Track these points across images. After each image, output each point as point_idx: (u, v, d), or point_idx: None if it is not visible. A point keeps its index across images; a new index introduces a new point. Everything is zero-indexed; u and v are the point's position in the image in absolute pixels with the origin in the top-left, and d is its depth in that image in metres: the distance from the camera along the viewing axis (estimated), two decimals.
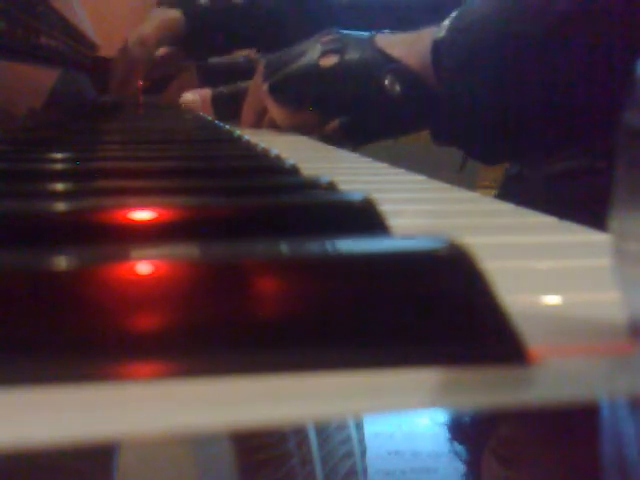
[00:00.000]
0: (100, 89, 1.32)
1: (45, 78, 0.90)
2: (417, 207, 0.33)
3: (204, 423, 0.13)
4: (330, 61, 0.69)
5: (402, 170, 0.46)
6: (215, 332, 0.14)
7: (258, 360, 0.14)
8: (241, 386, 0.14)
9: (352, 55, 0.68)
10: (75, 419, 0.13)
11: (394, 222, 0.24)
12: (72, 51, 1.06)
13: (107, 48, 1.35)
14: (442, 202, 0.35)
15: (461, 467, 0.66)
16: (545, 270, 0.22)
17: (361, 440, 0.76)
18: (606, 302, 0.18)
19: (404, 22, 0.71)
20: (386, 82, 0.65)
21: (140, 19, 1.15)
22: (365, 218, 0.23)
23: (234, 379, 0.14)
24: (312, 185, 0.30)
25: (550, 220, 0.29)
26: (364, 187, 0.34)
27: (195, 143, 0.60)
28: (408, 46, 0.67)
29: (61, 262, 0.15)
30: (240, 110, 0.85)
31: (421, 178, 0.43)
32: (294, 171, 0.37)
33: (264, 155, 0.46)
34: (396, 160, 0.50)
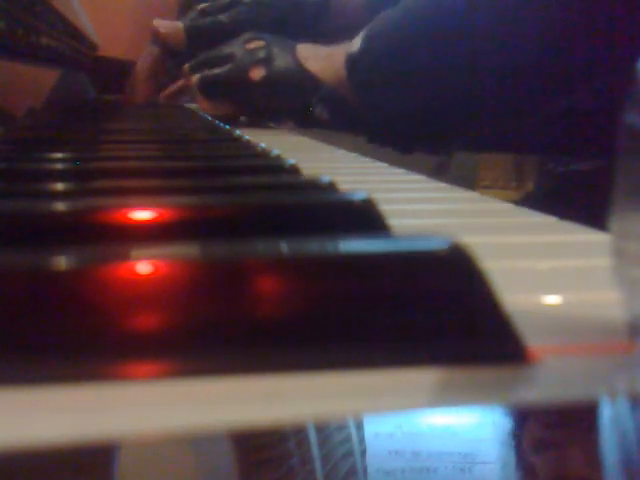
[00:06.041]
0: (100, 89, 1.32)
1: (45, 78, 0.90)
2: (417, 207, 0.33)
3: (204, 423, 0.13)
4: (258, 73, 0.76)
5: (402, 170, 0.46)
6: (215, 332, 0.14)
7: (258, 360, 0.14)
8: (241, 386, 0.14)
9: (278, 66, 0.75)
10: (75, 419, 0.13)
11: (394, 222, 0.24)
12: (72, 51, 1.05)
13: (107, 48, 1.35)
14: (442, 202, 0.35)
15: (463, 466, 0.66)
16: (545, 270, 0.22)
17: (361, 440, 0.76)
18: (606, 302, 0.18)
19: None
20: (316, 111, 0.72)
21: (140, 19, 1.15)
22: (366, 218, 0.23)
23: (234, 379, 0.14)
24: (312, 185, 0.30)
25: (550, 220, 0.29)
26: (364, 187, 0.34)
27: (195, 142, 0.60)
28: (323, 60, 0.72)
29: (61, 262, 0.15)
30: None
31: (421, 178, 0.43)
32: (294, 171, 0.37)
33: (264, 155, 0.46)
34: (395, 160, 0.50)
